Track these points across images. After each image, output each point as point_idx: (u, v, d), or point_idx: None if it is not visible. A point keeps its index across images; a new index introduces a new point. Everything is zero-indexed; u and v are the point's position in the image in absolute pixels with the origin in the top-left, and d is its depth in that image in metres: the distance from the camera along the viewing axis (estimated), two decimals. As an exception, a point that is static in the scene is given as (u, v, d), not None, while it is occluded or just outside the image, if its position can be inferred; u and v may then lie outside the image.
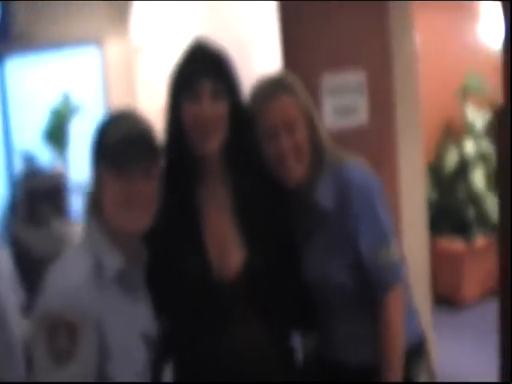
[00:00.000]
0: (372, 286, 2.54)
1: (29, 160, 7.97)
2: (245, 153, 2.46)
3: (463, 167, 6.96)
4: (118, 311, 2.15)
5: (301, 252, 2.59)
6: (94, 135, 2.23)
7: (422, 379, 2.63)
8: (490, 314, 4.60)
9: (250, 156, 2.47)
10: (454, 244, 6.87)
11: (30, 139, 8.25)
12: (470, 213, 6.91)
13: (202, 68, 2.35)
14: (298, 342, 2.78)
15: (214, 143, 2.36)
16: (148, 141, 2.19)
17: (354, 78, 4.04)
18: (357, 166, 2.57)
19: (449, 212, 7.03)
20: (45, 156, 8.21)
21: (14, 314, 3.68)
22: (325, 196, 2.52)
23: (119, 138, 2.13)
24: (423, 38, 6.15)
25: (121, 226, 2.17)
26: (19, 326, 3.54)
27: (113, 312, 2.12)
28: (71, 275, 2.09)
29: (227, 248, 2.42)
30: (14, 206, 8.06)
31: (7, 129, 8.39)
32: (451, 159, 7.03)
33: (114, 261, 2.15)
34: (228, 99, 2.37)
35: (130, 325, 2.20)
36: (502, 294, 3.15)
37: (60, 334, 2.01)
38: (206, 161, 2.42)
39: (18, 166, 8.15)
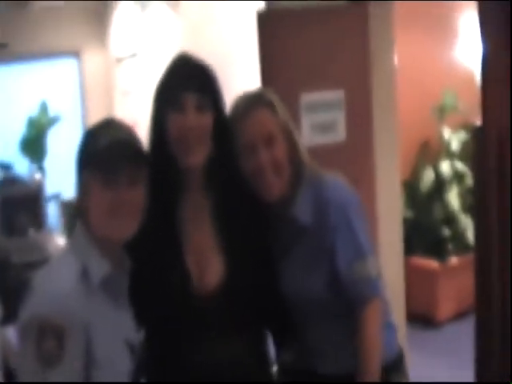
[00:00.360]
0: (349, 300, 2.54)
1: (6, 168, 7.97)
2: (226, 167, 2.47)
3: (439, 187, 7.01)
4: (103, 317, 2.15)
5: (279, 266, 2.59)
6: (79, 143, 2.24)
7: None
8: (464, 332, 4.64)
9: (231, 170, 2.48)
10: (428, 262, 6.87)
11: (7, 148, 8.25)
12: (445, 232, 6.93)
13: (187, 81, 2.37)
14: (274, 355, 2.79)
15: (198, 157, 2.36)
16: (134, 148, 2.20)
17: (333, 95, 4.09)
18: (335, 181, 2.58)
19: (424, 231, 7.04)
20: (22, 165, 8.21)
21: None
22: (303, 211, 2.52)
23: (105, 145, 2.14)
24: (401, 56, 6.17)
25: (106, 234, 2.17)
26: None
27: (99, 318, 2.12)
28: (59, 280, 2.10)
29: (207, 261, 2.43)
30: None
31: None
32: (427, 178, 7.06)
33: (99, 267, 2.15)
34: (212, 112, 2.38)
35: (115, 331, 2.20)
36: (478, 313, 3.19)
37: (48, 337, 2.01)
38: (189, 174, 2.42)
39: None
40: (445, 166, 6.97)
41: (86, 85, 9.00)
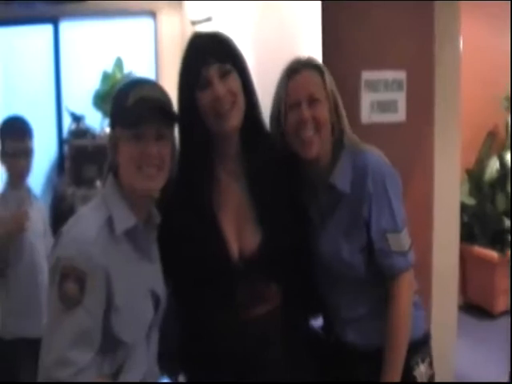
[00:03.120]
0: (382, 270, 2.68)
1: (78, 120, 8.14)
2: (259, 131, 2.63)
3: (503, 177, 6.94)
4: (126, 266, 2.28)
5: (318, 230, 2.74)
6: (113, 99, 2.40)
7: (418, 371, 2.74)
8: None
9: (264, 135, 2.65)
10: (488, 253, 6.87)
11: (81, 101, 8.42)
12: (506, 223, 6.87)
13: (205, 56, 2.47)
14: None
15: (233, 121, 2.49)
16: (163, 106, 2.32)
17: (394, 75, 4.09)
18: (374, 153, 2.73)
19: (486, 220, 7.04)
20: (95, 119, 8.36)
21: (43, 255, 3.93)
22: (342, 179, 2.66)
23: (134, 103, 2.26)
24: (468, 44, 6.15)
25: (134, 185, 2.30)
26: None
27: (121, 266, 2.25)
28: (85, 227, 2.23)
29: (244, 228, 2.56)
30: (61, 164, 8.29)
31: (58, 90, 8.55)
32: (492, 168, 7.07)
33: (125, 219, 2.28)
34: (236, 75, 2.51)
35: (138, 281, 2.33)
36: None
37: (70, 280, 2.14)
38: (224, 140, 2.54)
39: (68, 125, 8.34)
40: (510, 157, 6.89)
41: (160, 45, 9.16)
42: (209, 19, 8.06)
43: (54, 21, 8.51)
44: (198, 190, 2.52)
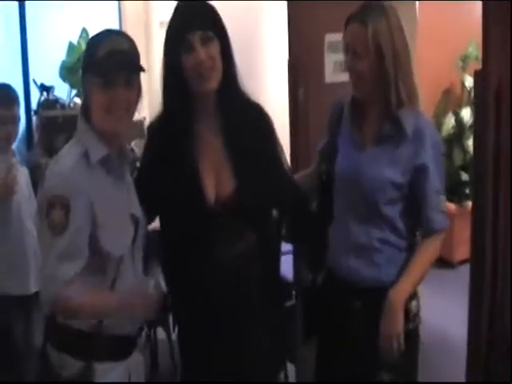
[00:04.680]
0: (426, 223, 2.94)
1: (47, 90, 8.18)
2: (236, 91, 2.90)
3: (460, 133, 7.17)
4: (104, 189, 2.59)
5: (367, 150, 3.00)
6: (85, 49, 2.67)
7: (411, 303, 3.01)
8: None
9: (240, 94, 2.92)
10: (447, 205, 7.00)
11: (47, 74, 8.47)
12: (463, 176, 7.15)
13: (190, 22, 2.76)
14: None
15: (211, 83, 2.78)
16: (130, 55, 2.60)
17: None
18: (432, 123, 3.05)
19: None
20: (62, 90, 8.44)
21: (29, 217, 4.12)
22: (406, 122, 2.89)
23: (105, 52, 2.52)
24: (425, 5, 6.36)
25: (104, 127, 2.58)
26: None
27: (100, 190, 2.55)
28: (64, 161, 2.53)
29: (222, 175, 2.86)
30: (30, 135, 8.34)
31: (25, 62, 8.54)
32: (448, 125, 7.29)
33: (98, 150, 2.56)
34: (218, 43, 2.77)
35: (117, 204, 2.64)
36: (472, 262, 3.34)
37: (55, 208, 2.43)
38: (204, 98, 2.83)
39: (37, 97, 8.39)
40: (465, 113, 7.14)
41: (125, 15, 9.23)
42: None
43: (19, -2, 8.55)
44: (179, 140, 2.82)
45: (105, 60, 2.50)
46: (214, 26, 2.79)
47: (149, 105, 3.65)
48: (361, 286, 2.99)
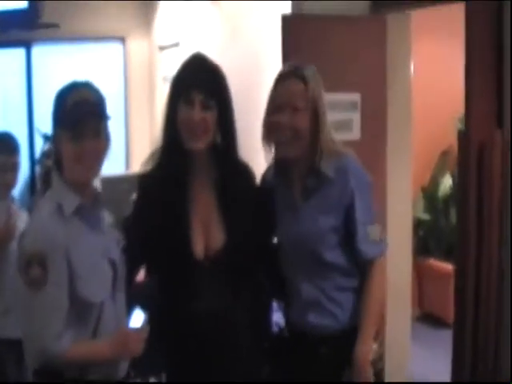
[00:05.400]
0: (358, 255, 2.99)
1: (49, 140, 8.28)
2: (228, 151, 2.93)
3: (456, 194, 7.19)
4: (81, 239, 2.59)
5: (293, 214, 3.03)
6: (53, 102, 2.66)
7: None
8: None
9: (232, 155, 2.95)
10: (443, 265, 7.13)
11: (52, 125, 8.52)
12: (460, 237, 7.10)
13: (197, 81, 2.80)
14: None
15: (201, 144, 2.82)
16: (96, 105, 2.62)
17: (349, 97, 4.39)
18: (352, 156, 3.04)
19: (440, 234, 7.33)
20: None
21: None
22: (327, 168, 2.94)
23: (71, 104, 2.56)
24: (424, 65, 6.43)
25: (74, 177, 2.61)
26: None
27: (77, 241, 2.56)
28: (38, 217, 2.59)
29: (212, 230, 2.89)
30: (33, 184, 8.42)
31: (31, 112, 8.69)
32: (445, 185, 7.35)
33: (70, 201, 2.59)
34: (216, 110, 2.81)
35: (93, 250, 2.64)
36: (455, 322, 3.39)
37: (33, 264, 2.46)
38: (195, 155, 2.87)
39: (39, 146, 8.49)
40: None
41: (129, 69, 9.40)
42: (176, 44, 8.28)
43: (27, 45, 8.71)
44: (171, 191, 2.86)
45: (72, 112, 2.55)
46: (217, 93, 2.83)
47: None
48: (323, 335, 3.03)
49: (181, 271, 2.85)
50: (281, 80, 2.99)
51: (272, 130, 2.99)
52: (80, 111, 2.55)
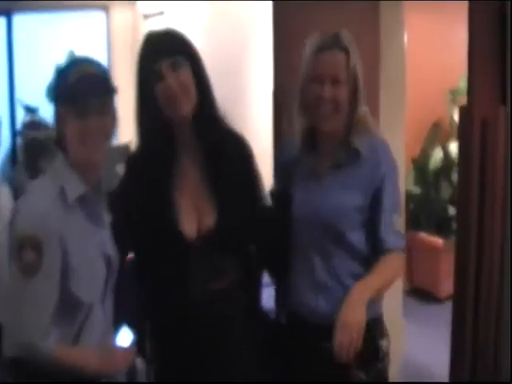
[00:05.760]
0: (378, 244, 2.83)
1: (31, 112, 8.18)
2: (213, 118, 2.81)
3: (447, 167, 7.15)
4: (79, 231, 2.46)
5: (325, 181, 2.89)
6: (55, 77, 2.59)
7: (382, 342, 2.91)
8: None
9: (218, 121, 2.83)
10: (433, 239, 7.08)
11: (33, 95, 8.52)
12: (451, 211, 7.09)
13: (158, 51, 2.68)
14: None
15: (185, 109, 2.68)
16: (102, 81, 2.48)
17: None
18: (385, 141, 2.95)
19: (431, 208, 7.26)
20: (48, 112, 8.42)
21: None
22: (359, 145, 2.83)
23: (75, 80, 2.41)
24: (417, 38, 6.35)
25: (80, 157, 2.46)
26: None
27: (75, 231, 2.42)
28: (38, 199, 2.40)
29: (201, 206, 2.77)
30: (15, 155, 8.32)
31: (12, 82, 8.58)
32: (436, 158, 7.27)
33: (75, 188, 2.45)
34: (189, 67, 2.69)
35: (92, 244, 2.51)
36: (454, 298, 3.30)
37: (27, 250, 2.31)
38: (179, 127, 2.74)
39: (21, 117, 8.39)
40: (453, 147, 7.10)
41: (112, 39, 9.31)
42: (161, 13, 8.19)
43: (7, 14, 8.56)
44: (156, 171, 2.73)
45: (76, 86, 2.40)
46: (184, 51, 2.72)
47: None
48: (329, 325, 2.70)
49: (170, 251, 2.72)
50: (319, 52, 2.82)
51: (311, 102, 2.83)
52: (84, 86, 2.40)
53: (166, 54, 2.65)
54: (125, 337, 2.67)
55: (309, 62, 2.84)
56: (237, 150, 2.87)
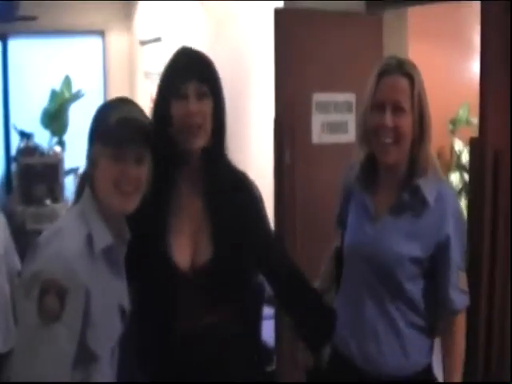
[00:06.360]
0: (442, 303, 2.65)
1: (27, 137, 8.13)
2: (221, 153, 2.74)
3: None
4: (101, 283, 2.31)
5: (381, 221, 2.69)
6: (94, 117, 2.40)
7: None
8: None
9: (225, 158, 2.76)
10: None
11: (28, 120, 8.46)
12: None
13: (187, 72, 2.61)
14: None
15: (199, 141, 2.60)
16: (142, 127, 2.36)
17: (344, 97, 4.21)
18: (454, 191, 2.80)
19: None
20: (43, 137, 8.39)
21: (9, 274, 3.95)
22: (429, 190, 2.61)
23: (116, 121, 2.29)
24: (419, 67, 6.31)
25: (111, 205, 2.33)
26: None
27: (98, 283, 2.28)
28: (66, 242, 2.24)
29: (199, 240, 2.68)
30: (9, 181, 8.25)
31: (6, 107, 8.54)
32: (437, 189, 7.16)
33: (103, 237, 2.31)
34: (211, 99, 2.62)
35: (110, 296, 2.37)
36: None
37: (50, 295, 2.14)
38: (188, 156, 2.66)
39: (16, 143, 8.33)
40: (454, 178, 7.10)
41: (109, 64, 9.31)
42: (158, 39, 8.15)
43: (3, 38, 8.53)
44: (157, 200, 2.63)
45: (117, 127, 2.30)
46: (210, 82, 2.65)
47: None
48: (381, 375, 2.66)
49: (160, 281, 2.64)
50: (383, 76, 2.63)
51: (371, 131, 2.63)
52: (126, 126, 2.30)
53: (195, 78, 2.59)
54: None
55: (370, 87, 2.65)
56: (241, 187, 2.80)
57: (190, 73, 2.60)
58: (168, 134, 2.59)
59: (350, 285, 2.78)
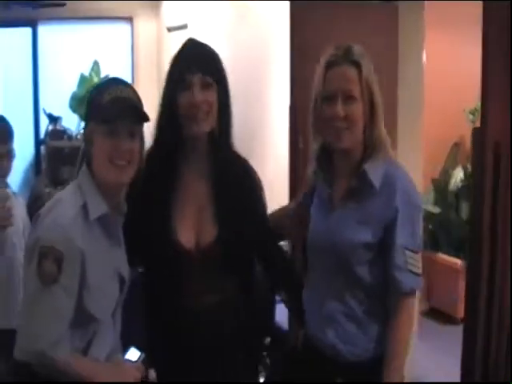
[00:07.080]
0: (391, 284, 2.66)
1: (55, 121, 8.24)
2: (226, 140, 2.86)
3: (468, 187, 7.07)
4: (97, 249, 2.49)
5: (335, 210, 2.75)
6: (88, 98, 2.60)
7: None
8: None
9: (228, 143, 2.89)
10: (452, 260, 7.01)
11: (58, 104, 8.61)
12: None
13: (192, 63, 2.74)
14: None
15: (205, 126, 2.74)
16: (135, 105, 2.54)
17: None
18: (403, 169, 2.74)
19: (450, 228, 7.22)
20: (71, 121, 8.50)
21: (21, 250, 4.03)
22: (374, 174, 2.66)
23: (108, 101, 2.47)
24: (437, 57, 6.35)
25: (106, 178, 2.50)
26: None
27: (93, 249, 2.46)
28: (63, 211, 2.43)
29: (203, 221, 2.82)
30: (38, 164, 8.38)
31: (36, 91, 8.68)
32: (457, 178, 7.26)
33: (98, 206, 2.49)
34: (215, 89, 2.75)
35: (107, 263, 2.55)
36: (466, 319, 3.25)
37: (48, 260, 2.34)
38: (194, 141, 2.81)
39: (45, 127, 8.45)
40: (473, 167, 7.06)
41: (137, 50, 9.44)
42: (184, 26, 8.23)
43: (33, 24, 8.69)
44: (160, 183, 2.81)
45: (109, 106, 2.46)
46: (215, 73, 2.78)
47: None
48: (339, 362, 2.72)
49: (166, 261, 2.78)
50: (330, 67, 2.67)
51: (323, 121, 2.69)
52: (118, 106, 2.47)
53: (198, 69, 2.72)
54: (134, 353, 2.70)
55: (319, 78, 2.70)
56: (243, 172, 2.95)
57: (195, 65, 2.74)
58: (175, 120, 2.74)
59: (313, 275, 2.85)
